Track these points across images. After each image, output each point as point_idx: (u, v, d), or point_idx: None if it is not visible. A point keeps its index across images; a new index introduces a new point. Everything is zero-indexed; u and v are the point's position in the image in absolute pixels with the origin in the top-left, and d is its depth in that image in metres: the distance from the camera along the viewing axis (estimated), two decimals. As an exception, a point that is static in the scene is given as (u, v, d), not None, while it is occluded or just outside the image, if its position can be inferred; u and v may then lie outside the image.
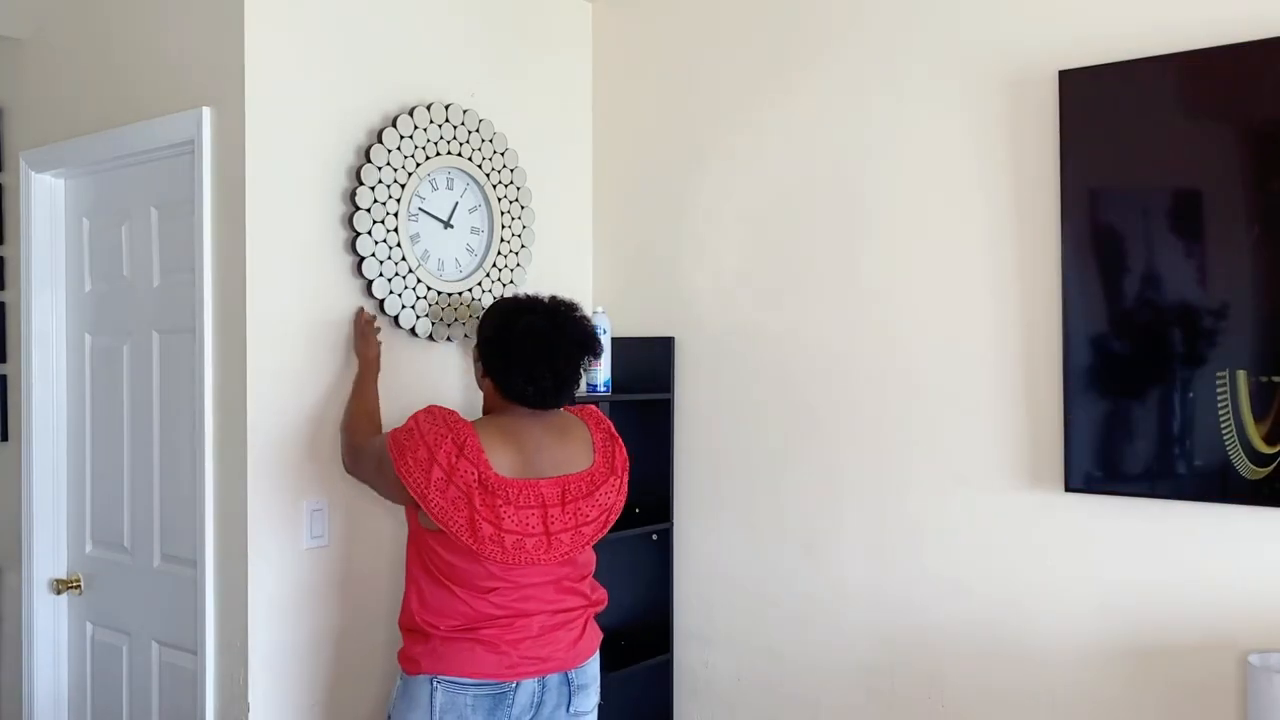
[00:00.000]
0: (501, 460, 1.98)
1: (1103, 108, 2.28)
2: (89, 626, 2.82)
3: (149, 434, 2.62)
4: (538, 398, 2.04)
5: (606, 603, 2.19)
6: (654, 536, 3.01)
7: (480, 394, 2.19)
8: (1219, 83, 2.16)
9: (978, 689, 2.52)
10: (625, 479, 2.14)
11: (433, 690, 1.98)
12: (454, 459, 1.93)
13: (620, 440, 2.18)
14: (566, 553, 2.02)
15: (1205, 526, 2.23)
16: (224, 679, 2.34)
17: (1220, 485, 2.17)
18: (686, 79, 3.01)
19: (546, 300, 2.11)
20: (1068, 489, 2.35)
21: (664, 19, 3.07)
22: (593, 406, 2.25)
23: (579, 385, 2.12)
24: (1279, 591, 2.15)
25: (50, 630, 2.86)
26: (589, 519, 2.04)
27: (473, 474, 1.93)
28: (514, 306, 2.10)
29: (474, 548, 1.94)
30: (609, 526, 2.10)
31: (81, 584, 2.83)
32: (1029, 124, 2.43)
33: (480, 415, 2.16)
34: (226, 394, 2.32)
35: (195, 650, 2.41)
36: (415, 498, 1.95)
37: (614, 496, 2.10)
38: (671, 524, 3.01)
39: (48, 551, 2.85)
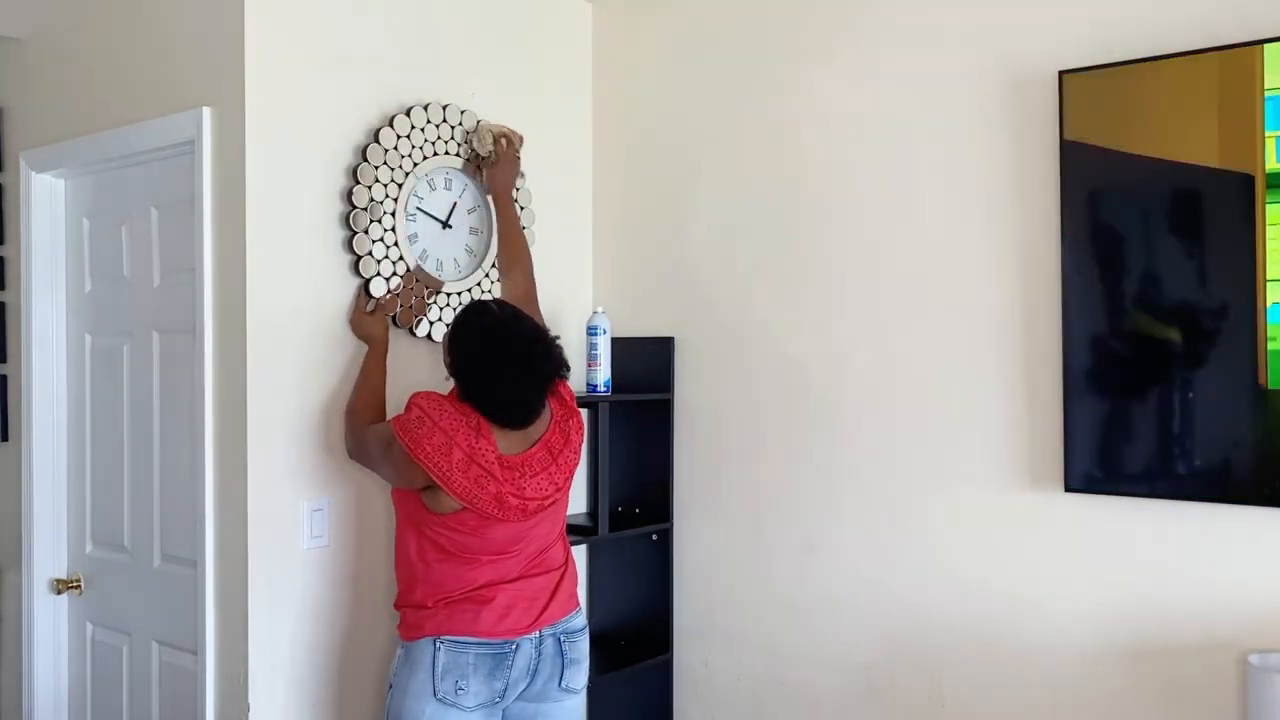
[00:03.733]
0: (504, 441, 2.11)
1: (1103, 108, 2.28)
2: (89, 626, 2.82)
3: (149, 434, 2.62)
4: (509, 423, 2.11)
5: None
6: (654, 536, 3.01)
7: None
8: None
9: (978, 688, 2.51)
10: (578, 412, 2.29)
11: (435, 651, 2.07)
12: (473, 440, 2.05)
13: (566, 384, 2.25)
14: (560, 491, 2.17)
15: (1205, 526, 2.23)
16: (224, 679, 2.34)
17: (1221, 485, 2.17)
18: (686, 79, 3.01)
19: (520, 332, 2.10)
20: (1068, 489, 2.35)
21: (664, 18, 3.07)
22: None
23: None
24: (1279, 591, 2.14)
25: (50, 630, 2.86)
26: (571, 462, 2.20)
27: (492, 452, 2.06)
28: (486, 344, 2.08)
29: (499, 517, 2.07)
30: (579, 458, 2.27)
31: (81, 584, 2.83)
32: (1029, 124, 2.43)
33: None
34: (226, 394, 2.32)
35: (195, 650, 2.41)
36: (438, 481, 2.03)
37: (578, 437, 2.24)
38: (671, 524, 3.00)
39: (48, 551, 2.86)
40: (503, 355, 2.06)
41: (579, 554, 3.14)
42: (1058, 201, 2.36)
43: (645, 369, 3.02)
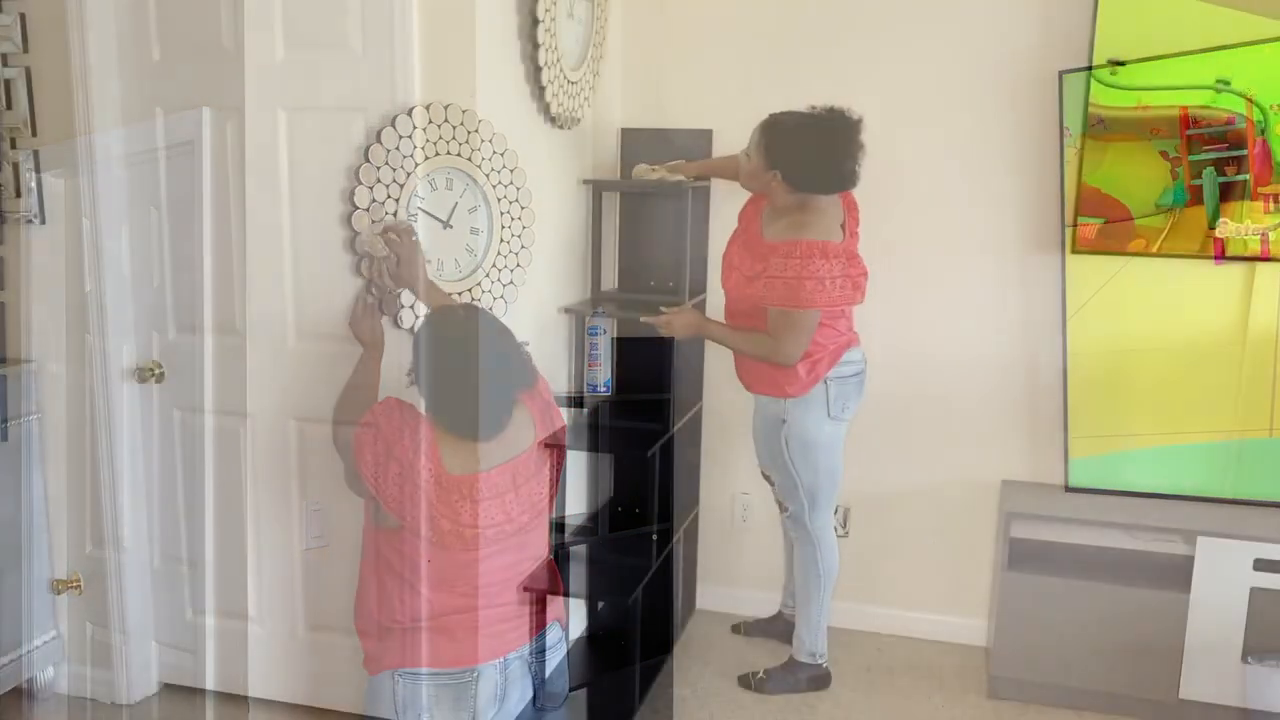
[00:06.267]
0: (454, 459, 1.97)
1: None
2: (89, 626, 2.82)
3: (149, 434, 2.62)
4: (466, 432, 1.98)
5: (560, 577, 2.22)
6: (654, 536, 3.01)
7: None
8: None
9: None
10: (563, 445, 2.14)
11: (394, 684, 2.00)
12: (411, 454, 1.93)
13: (555, 406, 2.15)
14: (523, 528, 2.04)
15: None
16: (224, 679, 2.34)
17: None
18: (686, 78, 3.01)
19: (476, 334, 2.00)
20: (1068, 489, 2.35)
21: (670, 15, 3.07)
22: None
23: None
24: (1277, 591, 2.15)
25: (50, 630, 2.86)
26: (541, 495, 2.07)
27: (429, 469, 1.93)
28: (441, 347, 2.01)
29: (432, 540, 1.95)
30: (556, 492, 2.13)
31: (81, 584, 2.83)
32: (1029, 124, 2.43)
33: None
34: (227, 394, 2.32)
35: (195, 650, 2.41)
36: (373, 493, 1.96)
37: (557, 470, 2.11)
38: (672, 524, 3.01)
39: (48, 551, 2.85)
40: (458, 358, 1.98)
41: (579, 554, 3.13)
42: (1058, 201, 2.36)
43: (645, 369, 3.02)
